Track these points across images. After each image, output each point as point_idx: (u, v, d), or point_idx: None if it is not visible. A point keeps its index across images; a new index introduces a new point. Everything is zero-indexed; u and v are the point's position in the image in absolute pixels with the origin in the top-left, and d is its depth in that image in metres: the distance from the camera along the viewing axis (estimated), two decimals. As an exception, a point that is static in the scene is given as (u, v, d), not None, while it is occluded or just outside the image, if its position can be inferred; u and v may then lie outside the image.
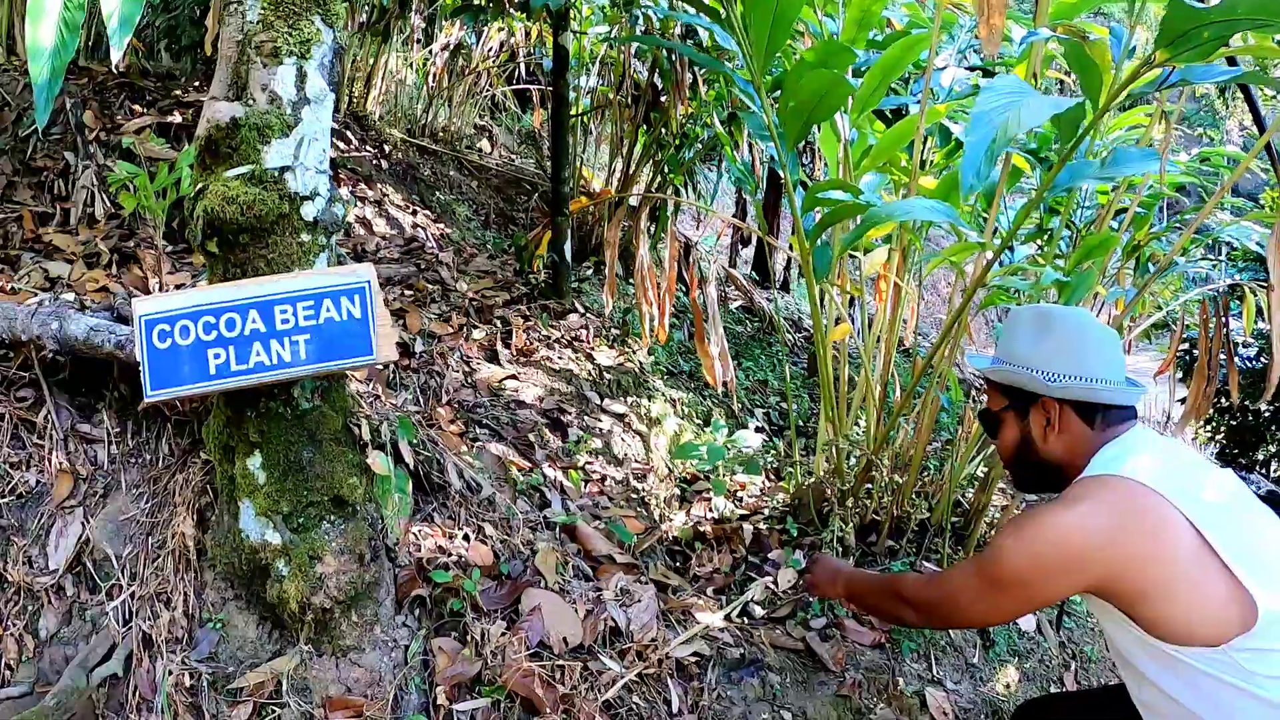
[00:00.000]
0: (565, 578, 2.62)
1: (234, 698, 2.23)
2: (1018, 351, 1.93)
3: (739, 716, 2.48)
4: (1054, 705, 2.26)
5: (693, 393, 4.00)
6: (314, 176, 2.16)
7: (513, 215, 5.44)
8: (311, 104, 2.14)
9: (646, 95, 4.82)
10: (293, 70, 2.11)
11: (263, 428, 2.21)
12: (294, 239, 2.15)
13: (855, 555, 3.14)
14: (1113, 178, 2.30)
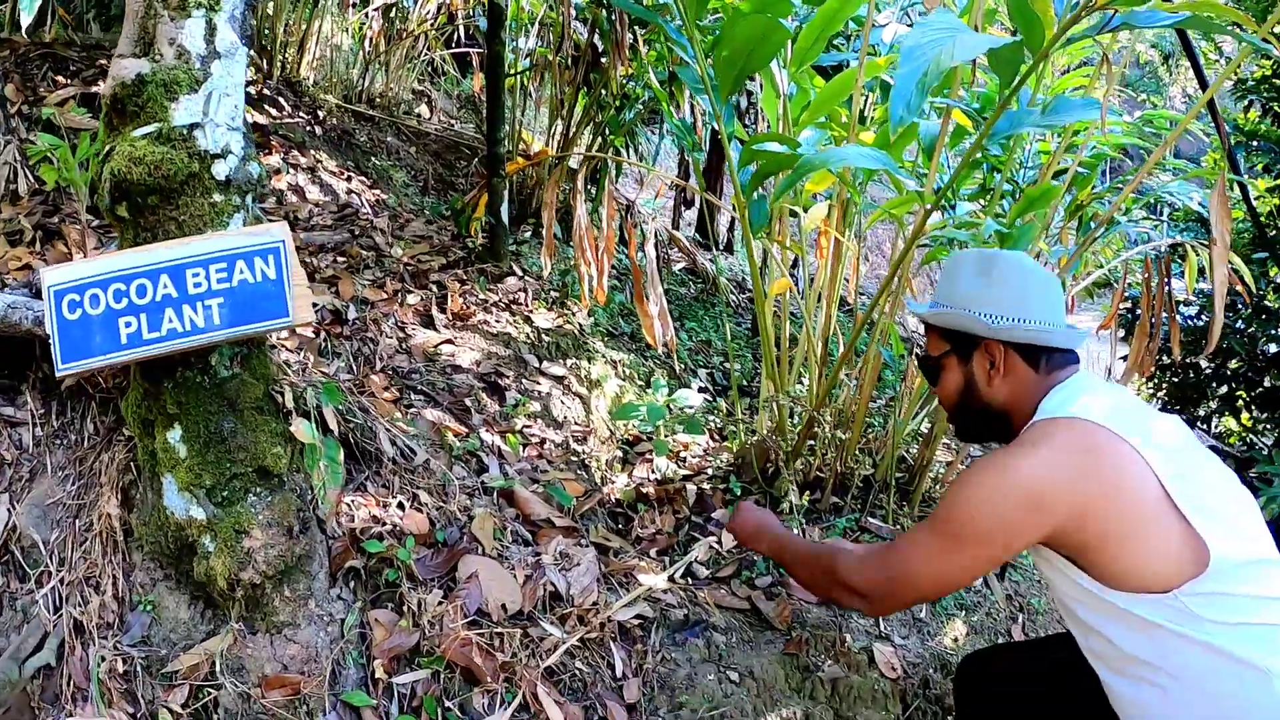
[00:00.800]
0: (503, 543, 2.57)
1: (169, 681, 2.15)
2: (959, 294, 1.87)
3: (684, 678, 2.44)
4: (998, 656, 2.25)
5: (634, 354, 3.94)
6: (226, 133, 2.08)
7: (452, 180, 5.33)
8: (222, 58, 2.06)
9: (586, 56, 4.74)
10: (202, 23, 2.02)
11: (181, 398, 2.13)
12: (205, 199, 2.06)
13: (801, 513, 3.11)
14: (1053, 125, 2.26)
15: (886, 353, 2.93)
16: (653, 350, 3.85)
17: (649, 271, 3.18)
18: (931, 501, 3.40)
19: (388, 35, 5.80)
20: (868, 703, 2.69)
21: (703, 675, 2.47)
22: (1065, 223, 4.44)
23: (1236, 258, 3.90)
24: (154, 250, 2.00)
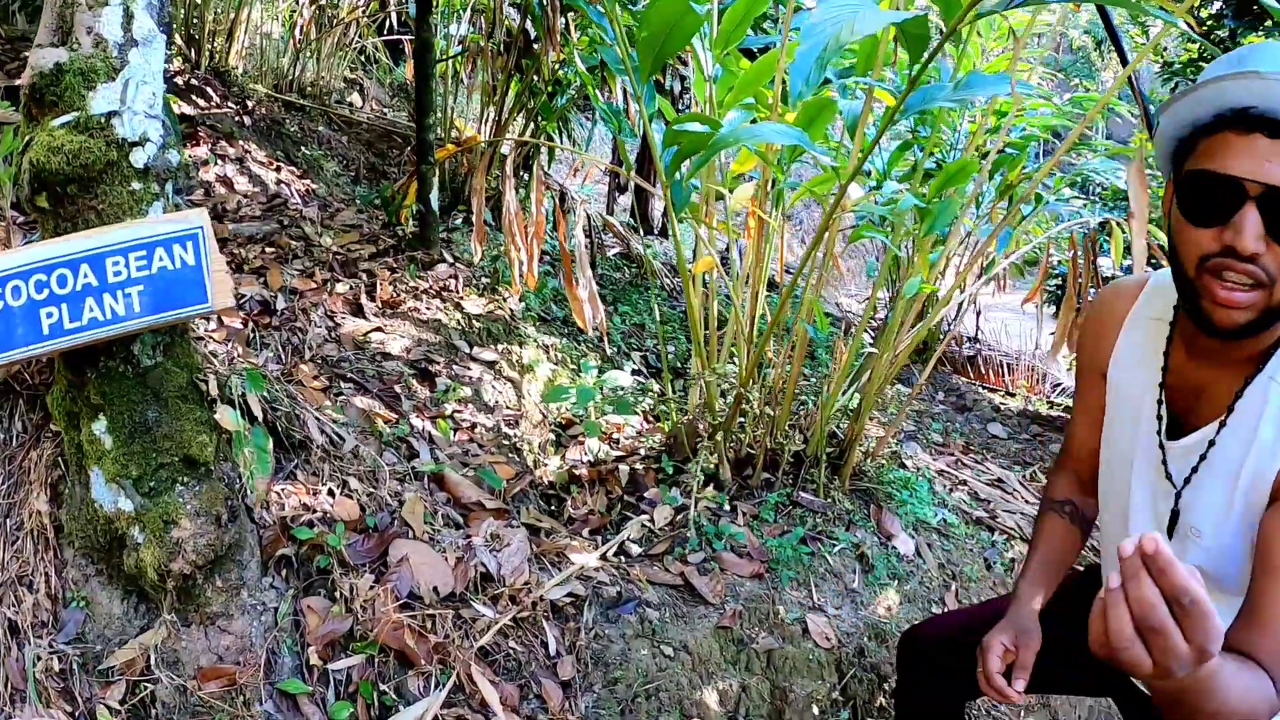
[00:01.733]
0: (434, 527, 2.57)
1: (106, 678, 2.14)
2: None
3: (618, 654, 2.47)
4: (937, 623, 2.26)
5: (567, 338, 3.96)
6: (144, 121, 2.06)
7: (384, 169, 5.30)
8: (140, 46, 2.04)
9: (518, 41, 4.73)
10: (119, 11, 2.00)
11: (105, 389, 2.11)
12: (124, 188, 2.05)
13: (731, 489, 3.15)
14: (964, 99, 2.30)
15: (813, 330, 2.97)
16: (586, 334, 3.87)
17: (578, 256, 3.20)
18: (860, 476, 3.45)
19: (319, 23, 5.74)
20: (803, 673, 2.74)
21: (636, 650, 2.49)
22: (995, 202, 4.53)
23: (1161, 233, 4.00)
24: (73, 240, 1.98)
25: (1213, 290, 1.32)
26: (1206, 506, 1.49)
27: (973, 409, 5.77)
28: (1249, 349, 1.43)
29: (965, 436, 4.99)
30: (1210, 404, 1.50)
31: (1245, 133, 1.29)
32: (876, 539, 3.23)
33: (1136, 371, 1.61)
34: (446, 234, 4.22)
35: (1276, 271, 1.29)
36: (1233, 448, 1.45)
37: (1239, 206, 1.28)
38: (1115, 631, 0.93)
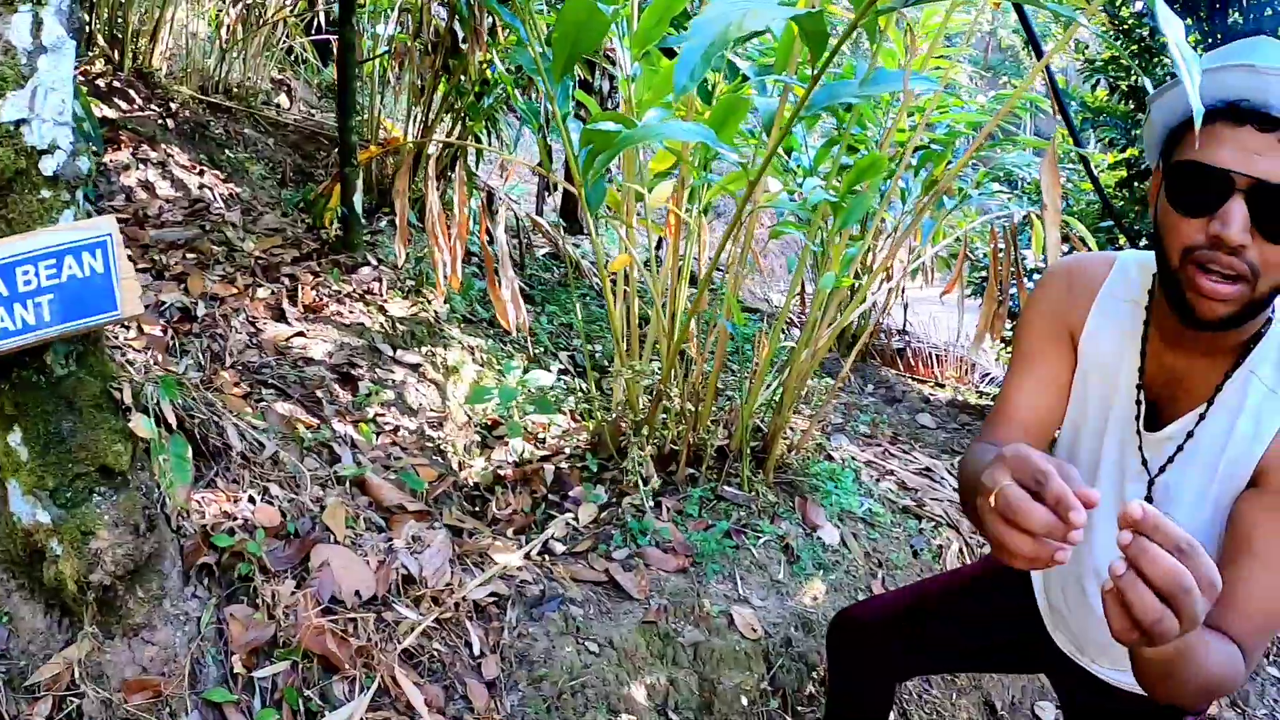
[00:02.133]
0: (356, 531, 2.57)
1: (32, 694, 2.11)
2: None
3: (542, 652, 2.48)
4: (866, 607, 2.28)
5: (493, 339, 3.96)
6: (53, 129, 2.03)
7: (311, 171, 5.26)
8: (49, 52, 2.01)
9: (446, 41, 4.71)
10: (28, 18, 1.97)
11: (19, 399, 2.08)
12: (34, 196, 2.02)
13: (656, 486, 3.17)
14: (870, 95, 2.34)
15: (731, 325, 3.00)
16: (513, 335, 3.88)
17: (501, 256, 3.21)
18: (784, 468, 3.50)
19: (246, 22, 5.67)
20: (730, 665, 2.77)
21: (561, 648, 2.51)
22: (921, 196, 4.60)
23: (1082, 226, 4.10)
24: (-18, 250, 1.96)
25: (1197, 281, 1.33)
26: (1182, 494, 1.52)
27: (902, 400, 5.85)
28: (1228, 341, 1.44)
29: (894, 427, 5.07)
30: (1188, 394, 1.52)
31: (1236, 125, 1.30)
32: (801, 530, 3.27)
33: (1112, 356, 1.60)
34: (371, 237, 4.20)
35: (1260, 265, 1.30)
36: (1211, 439, 1.48)
37: (1226, 198, 1.29)
38: (1142, 609, 0.94)
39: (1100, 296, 1.62)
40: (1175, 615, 0.94)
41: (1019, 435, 1.64)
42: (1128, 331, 1.58)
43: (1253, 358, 1.44)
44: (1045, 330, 1.67)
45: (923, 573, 3.55)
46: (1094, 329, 1.61)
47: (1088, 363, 1.63)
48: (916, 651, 2.14)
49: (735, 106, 2.59)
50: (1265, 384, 1.43)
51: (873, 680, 2.24)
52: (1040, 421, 1.66)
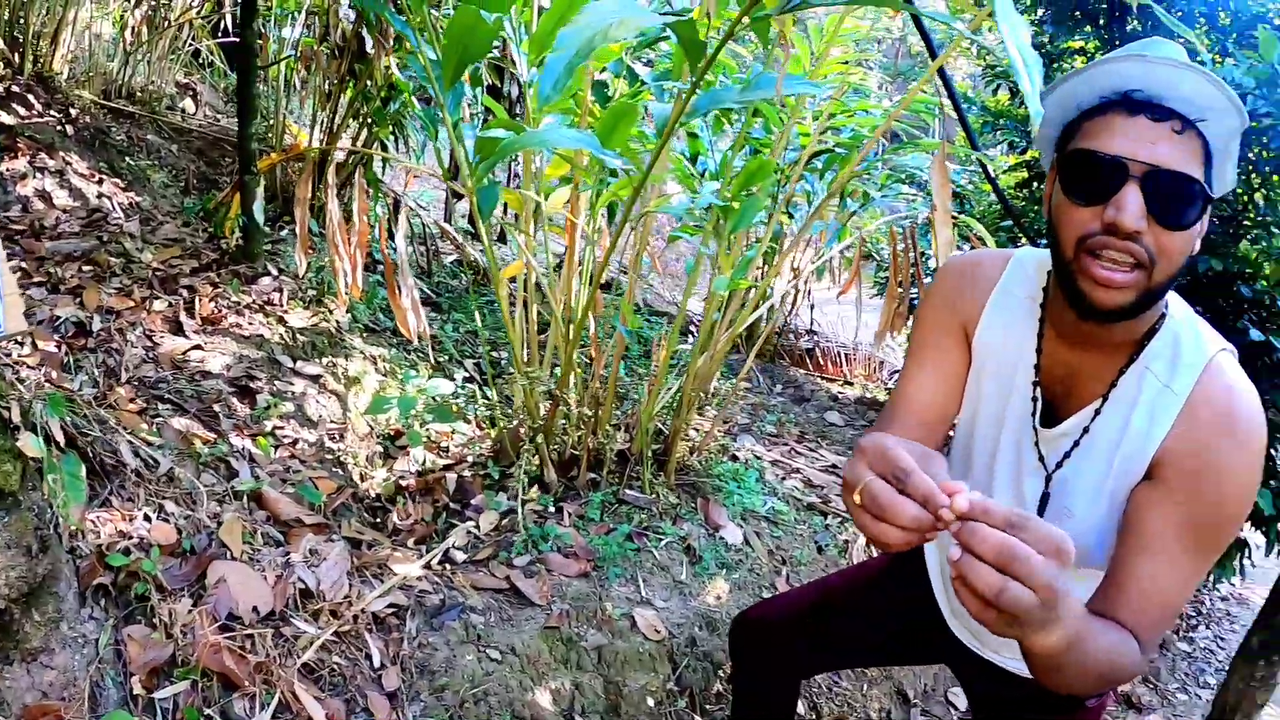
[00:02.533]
0: (254, 546, 2.56)
1: (-66, 725, 2.08)
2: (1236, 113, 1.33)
3: (443, 661, 2.49)
4: (768, 605, 2.30)
5: (396, 348, 3.94)
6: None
7: (215, 179, 5.18)
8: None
9: (352, 45, 4.67)
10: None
11: (-101, 422, 2.05)
12: (-91, 216, 1.99)
13: (557, 491, 3.20)
14: (751, 100, 2.38)
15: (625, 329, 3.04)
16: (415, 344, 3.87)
17: (400, 263, 3.20)
18: (686, 470, 3.54)
19: (151, 24, 5.54)
20: (635, 667, 2.81)
21: (462, 656, 2.52)
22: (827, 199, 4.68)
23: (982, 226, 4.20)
24: None
25: (1092, 270, 1.34)
26: (1079, 488, 1.53)
27: (810, 399, 5.93)
28: (1121, 335, 1.46)
29: (801, 426, 5.14)
30: (1084, 389, 1.53)
31: (1129, 114, 1.32)
32: (704, 531, 3.31)
33: (1007, 351, 1.61)
34: (273, 246, 4.16)
35: (1156, 252, 1.31)
36: (1106, 433, 1.50)
37: (1121, 185, 1.30)
38: (984, 584, 0.97)
39: (996, 292, 1.63)
40: (1022, 584, 0.97)
41: (913, 428, 1.65)
42: (1023, 327, 1.59)
43: (1147, 353, 1.46)
44: (939, 325, 1.68)
45: (827, 568, 3.62)
46: (989, 324, 1.63)
47: (983, 358, 1.65)
48: (820, 649, 2.17)
49: (624, 113, 2.62)
50: (1159, 379, 1.44)
51: (778, 679, 2.27)
52: (934, 415, 1.67)
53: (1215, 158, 1.35)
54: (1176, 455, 1.41)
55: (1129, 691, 4.65)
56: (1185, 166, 1.30)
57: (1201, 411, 1.41)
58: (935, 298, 1.70)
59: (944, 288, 1.69)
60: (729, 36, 2.12)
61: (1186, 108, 1.30)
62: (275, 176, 4.85)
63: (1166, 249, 1.32)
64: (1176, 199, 1.30)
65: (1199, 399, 1.41)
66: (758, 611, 2.27)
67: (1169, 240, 1.31)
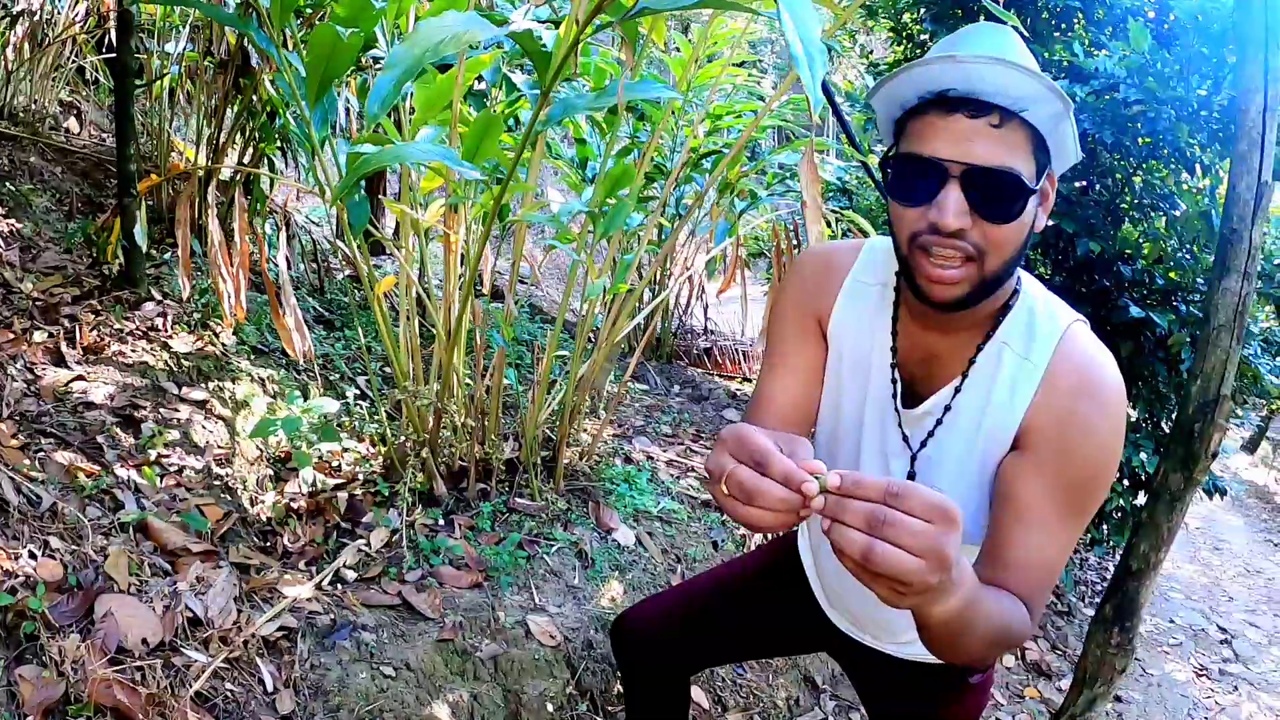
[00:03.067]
0: (141, 578, 2.55)
1: None
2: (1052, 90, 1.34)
3: (336, 680, 2.52)
4: (647, 604, 2.34)
5: (285, 369, 3.94)
6: None
7: (101, 201, 5.09)
8: None
9: (236, 59, 4.62)
10: None
11: None
12: None
13: (448, 503, 3.23)
14: (602, 107, 2.45)
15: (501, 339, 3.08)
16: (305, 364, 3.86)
17: (282, 282, 3.21)
18: (576, 475, 3.60)
19: (33, 39, 5.41)
20: (532, 674, 2.86)
21: (355, 675, 2.55)
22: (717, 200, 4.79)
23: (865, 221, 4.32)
24: None
25: (924, 268, 1.39)
26: (945, 465, 1.57)
27: (708, 398, 6.02)
28: (976, 316, 1.50)
29: (697, 425, 5.22)
30: (943, 369, 1.57)
31: (947, 113, 1.35)
32: (596, 534, 3.38)
33: (863, 337, 1.64)
34: (156, 270, 4.11)
35: (985, 245, 1.36)
36: (969, 409, 1.53)
37: (942, 186, 1.33)
38: (849, 543, 0.98)
39: (847, 281, 1.67)
40: (893, 544, 0.97)
41: (776, 424, 1.64)
42: (877, 313, 1.64)
43: (1002, 330, 1.51)
44: (794, 321, 1.70)
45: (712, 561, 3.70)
46: (842, 313, 1.66)
47: (839, 346, 1.68)
48: (699, 645, 2.21)
49: (490, 124, 2.66)
50: (1017, 353, 1.49)
51: (663, 677, 2.31)
52: (795, 409, 1.68)
53: (1049, 140, 1.39)
54: (1041, 424, 1.47)
55: (1038, 660, 4.82)
56: (1006, 160, 1.33)
57: (1061, 381, 1.46)
58: (788, 293, 1.73)
59: (796, 283, 1.72)
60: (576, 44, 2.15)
61: (1003, 100, 1.33)
62: (161, 197, 4.78)
63: (994, 240, 1.37)
64: (997, 194, 1.34)
65: (1057, 368, 1.47)
66: (634, 614, 2.30)
67: (996, 233, 1.36)
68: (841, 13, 3.01)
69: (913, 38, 5.82)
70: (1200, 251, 4.54)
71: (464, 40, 1.87)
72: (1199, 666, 5.48)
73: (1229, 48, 3.95)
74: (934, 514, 0.99)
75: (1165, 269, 4.54)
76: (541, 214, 2.84)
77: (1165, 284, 4.51)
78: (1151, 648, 5.58)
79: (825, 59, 1.51)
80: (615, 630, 2.31)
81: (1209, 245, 4.44)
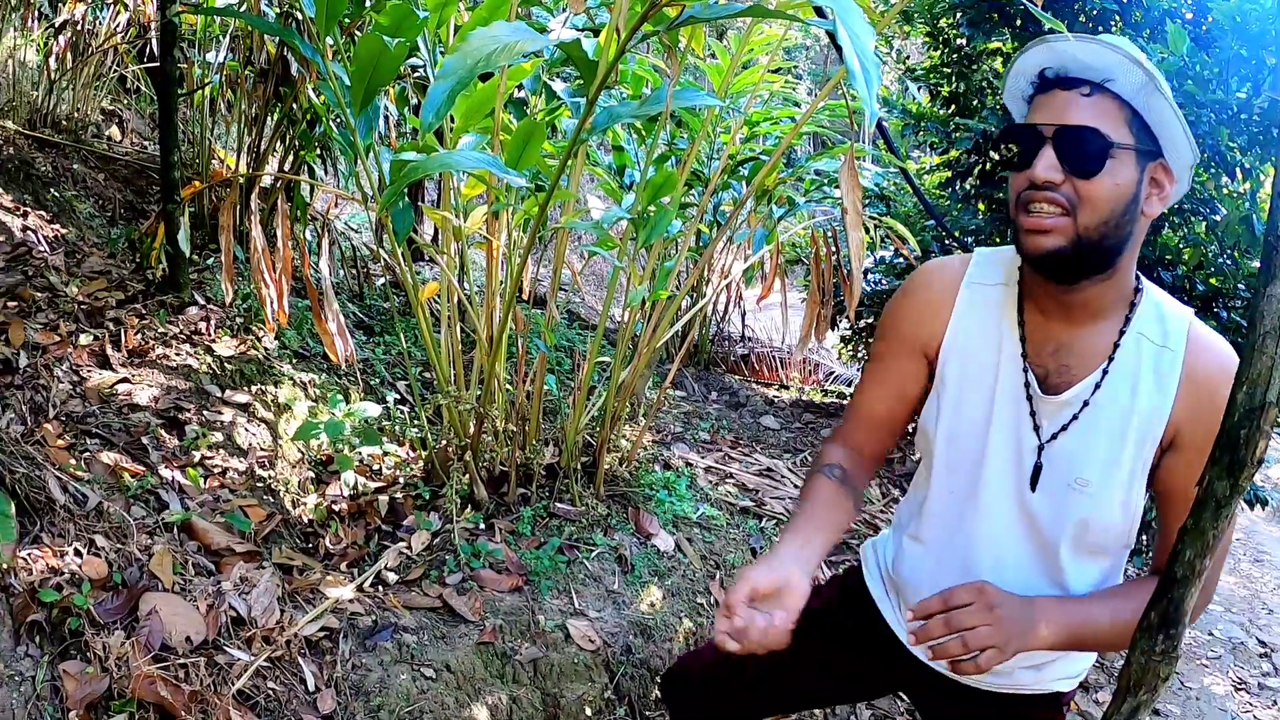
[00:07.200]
0: (185, 577, 2.58)
1: None
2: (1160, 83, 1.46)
3: (377, 681, 2.53)
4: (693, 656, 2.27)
5: (326, 373, 3.97)
6: None
7: (144, 208, 5.16)
8: None
9: (277, 69, 4.68)
10: None
11: None
12: None
13: (489, 507, 3.24)
14: (647, 114, 2.46)
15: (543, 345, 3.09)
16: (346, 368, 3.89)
17: (324, 288, 3.23)
18: (616, 480, 3.60)
19: (75, 50, 5.50)
20: (571, 678, 2.86)
21: (396, 676, 2.56)
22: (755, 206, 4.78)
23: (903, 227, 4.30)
24: None
25: (1024, 221, 1.53)
26: (1090, 458, 1.60)
27: (746, 405, 6.01)
28: (1099, 302, 1.60)
29: (735, 432, 5.21)
30: (1077, 361, 1.62)
31: (1046, 91, 1.55)
32: (635, 540, 3.37)
33: (988, 336, 1.70)
34: (199, 275, 4.16)
35: (1077, 199, 1.48)
36: (1115, 403, 1.59)
37: (1039, 148, 1.50)
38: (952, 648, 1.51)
39: (964, 286, 1.75)
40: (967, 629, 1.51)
41: (862, 429, 1.87)
42: (1001, 311, 1.71)
43: (1136, 320, 1.60)
44: (893, 337, 1.83)
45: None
46: (961, 321, 1.74)
47: (959, 350, 1.74)
48: (759, 697, 2.10)
49: (533, 132, 2.68)
50: (1154, 341, 1.58)
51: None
52: (880, 420, 1.86)
53: (1146, 117, 1.51)
54: (1191, 418, 1.55)
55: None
56: (1093, 122, 1.48)
57: (1200, 371, 1.56)
58: (895, 311, 1.84)
59: (905, 303, 1.83)
60: (621, 53, 2.16)
61: (1090, 73, 1.49)
62: (203, 204, 4.84)
63: (1085, 196, 1.49)
64: (1082, 150, 1.48)
65: (1195, 357, 1.57)
66: (688, 662, 2.24)
67: (1086, 188, 1.49)
68: (879, 19, 3.00)
69: (949, 43, 5.79)
70: (1241, 257, 4.48)
71: (515, 50, 1.89)
72: (1238, 680, 5.39)
73: (1268, 49, 3.91)
74: (968, 597, 1.53)
75: (1206, 274, 4.49)
76: (584, 221, 2.85)
77: (1206, 290, 4.46)
78: (1190, 660, 5.50)
79: (880, 72, 1.59)
80: (667, 682, 2.23)
81: (1250, 250, 4.39)
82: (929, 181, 6.13)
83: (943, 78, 5.85)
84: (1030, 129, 1.53)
